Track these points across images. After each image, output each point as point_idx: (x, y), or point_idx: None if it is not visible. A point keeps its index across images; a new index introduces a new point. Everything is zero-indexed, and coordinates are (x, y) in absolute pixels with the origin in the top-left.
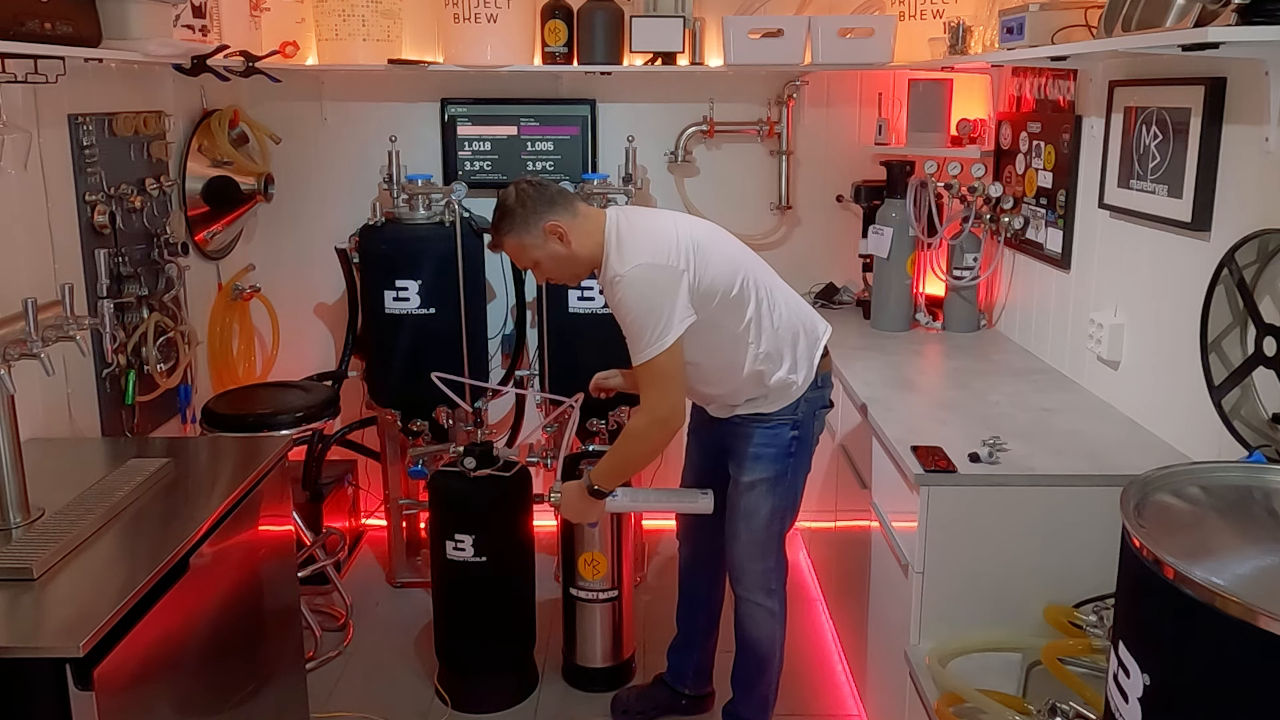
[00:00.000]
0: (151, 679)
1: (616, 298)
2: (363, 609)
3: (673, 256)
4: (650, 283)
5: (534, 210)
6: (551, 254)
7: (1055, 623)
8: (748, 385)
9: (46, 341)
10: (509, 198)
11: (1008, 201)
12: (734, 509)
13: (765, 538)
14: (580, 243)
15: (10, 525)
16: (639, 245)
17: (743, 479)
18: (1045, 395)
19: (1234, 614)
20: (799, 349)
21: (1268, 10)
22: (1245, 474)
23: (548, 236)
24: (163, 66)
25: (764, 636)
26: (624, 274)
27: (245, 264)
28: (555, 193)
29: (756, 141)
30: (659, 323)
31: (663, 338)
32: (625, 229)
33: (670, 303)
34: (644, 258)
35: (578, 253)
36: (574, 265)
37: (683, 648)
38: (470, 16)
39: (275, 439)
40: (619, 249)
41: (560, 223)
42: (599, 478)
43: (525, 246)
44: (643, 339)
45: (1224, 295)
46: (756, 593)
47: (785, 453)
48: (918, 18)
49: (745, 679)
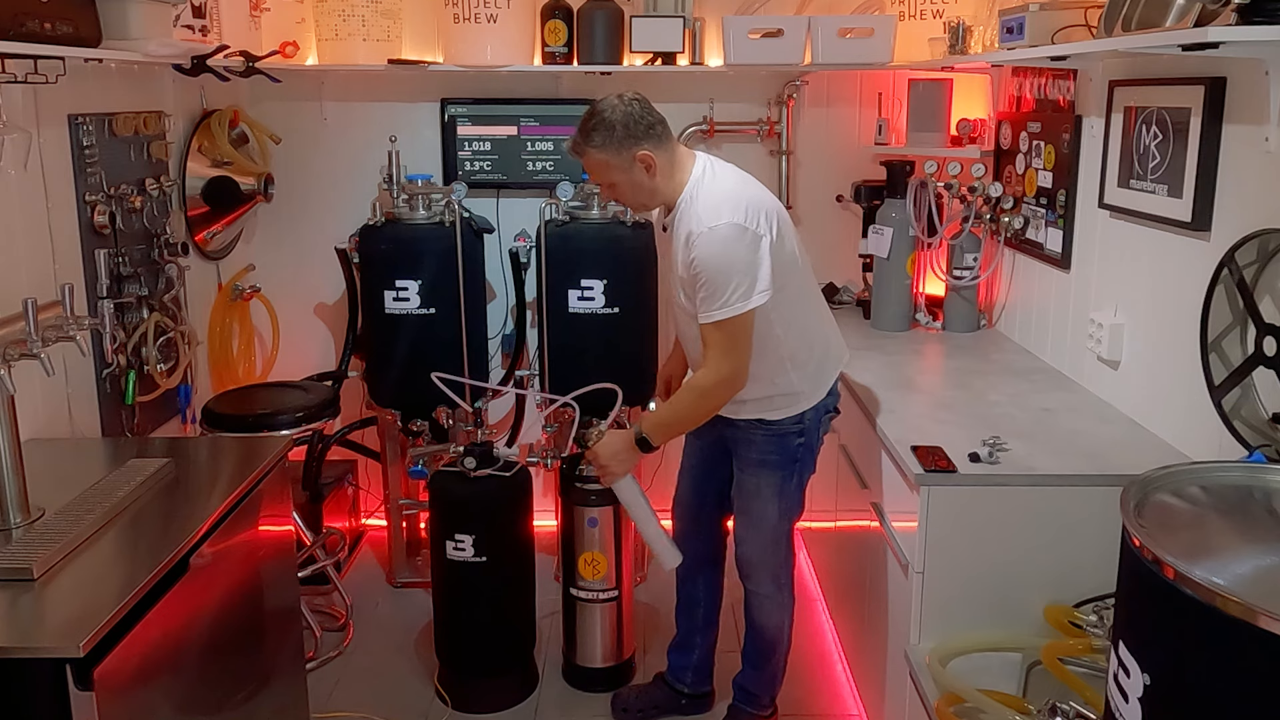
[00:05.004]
0: (151, 679)
1: (697, 251)
2: (363, 609)
3: (759, 222)
4: (734, 241)
5: (633, 133)
6: (633, 181)
7: (1055, 623)
8: (760, 380)
9: (46, 342)
10: (612, 110)
11: (1008, 201)
12: (740, 512)
13: (774, 537)
14: (665, 178)
15: (10, 525)
16: (727, 202)
17: (748, 484)
18: (1045, 395)
19: (1234, 614)
20: (815, 361)
21: (1268, 10)
22: (1245, 474)
23: (635, 163)
24: (163, 66)
25: (773, 624)
26: (711, 228)
27: (245, 264)
28: (657, 120)
29: (756, 141)
30: (740, 285)
31: (742, 301)
32: (712, 181)
33: (754, 269)
34: (734, 216)
35: (659, 187)
36: (650, 197)
37: (682, 647)
38: (470, 16)
39: (275, 439)
40: (706, 202)
41: (654, 155)
42: (651, 429)
43: (610, 166)
44: (718, 298)
45: (1224, 295)
46: (766, 585)
47: (791, 458)
48: (918, 18)
49: (755, 658)
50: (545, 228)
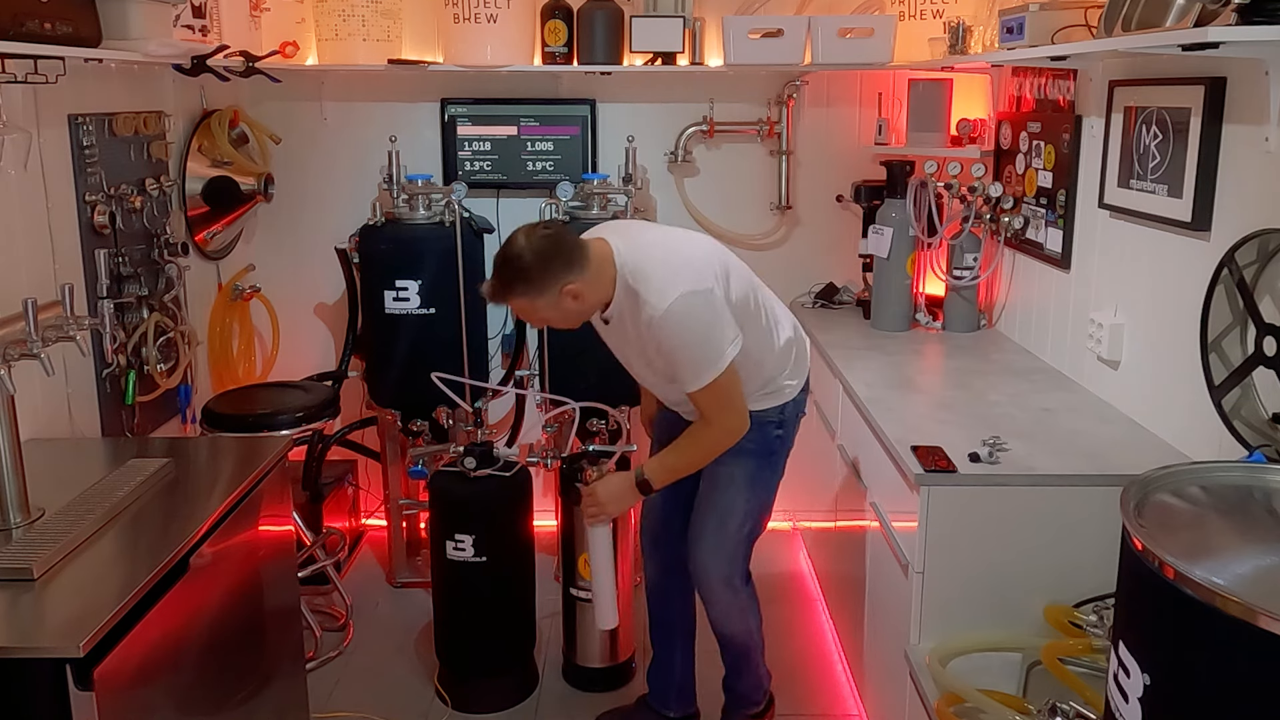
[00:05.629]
0: (151, 679)
1: (661, 334)
2: (363, 609)
3: (705, 278)
4: (693, 312)
5: (551, 271)
6: (564, 311)
7: (1055, 623)
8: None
9: (46, 341)
10: (525, 254)
11: (1008, 201)
12: (704, 507)
13: (734, 543)
14: (594, 290)
15: (10, 525)
16: (668, 275)
17: (721, 474)
18: (1045, 395)
19: (1234, 614)
20: (793, 356)
21: (1268, 10)
22: (1245, 474)
23: (562, 296)
24: (163, 66)
25: (739, 630)
26: (666, 309)
27: (245, 264)
28: (571, 246)
29: (756, 141)
30: (712, 349)
31: (718, 363)
32: (641, 260)
33: (718, 326)
34: (681, 286)
35: (589, 306)
36: (587, 313)
37: (662, 670)
38: (470, 16)
39: (275, 439)
40: (647, 285)
41: (577, 283)
42: (654, 474)
43: (537, 307)
44: (699, 366)
45: (1224, 295)
46: (721, 592)
47: (769, 450)
48: (918, 18)
49: (733, 667)
50: None
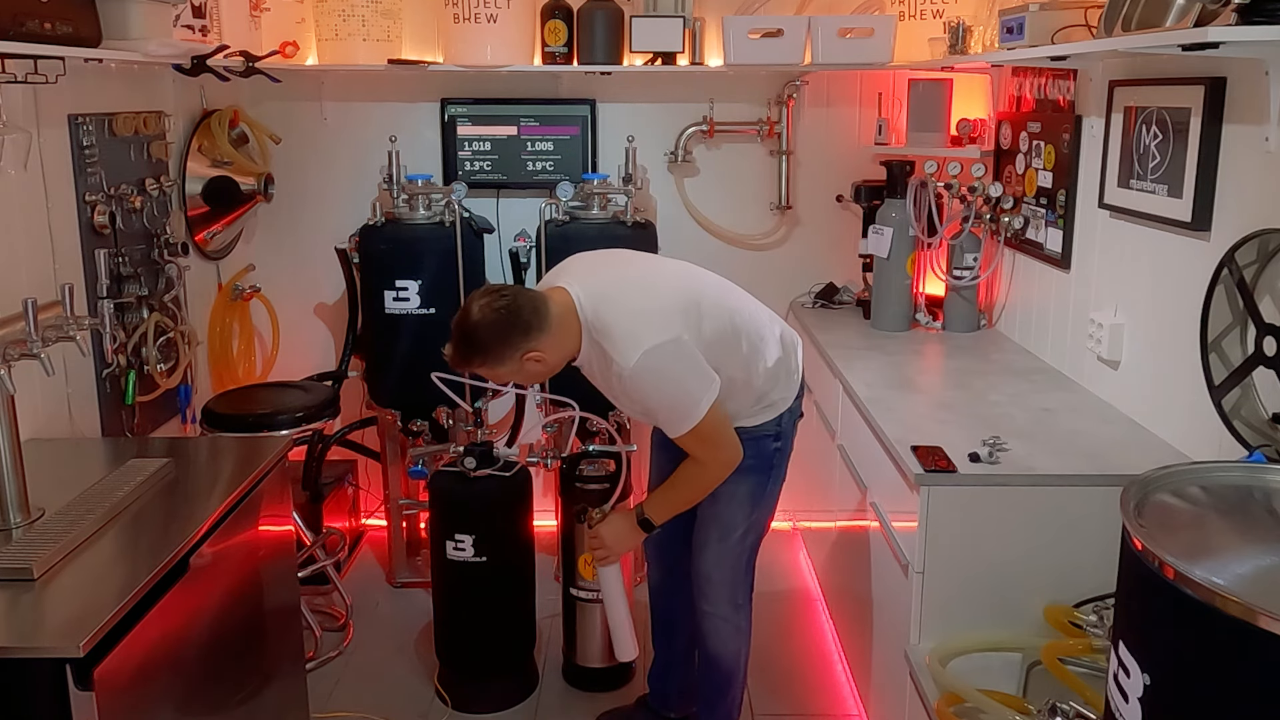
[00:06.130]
0: (151, 679)
1: (633, 388)
2: (363, 609)
3: (671, 325)
4: (661, 367)
5: (510, 342)
6: (530, 373)
7: (1055, 623)
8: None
9: (46, 341)
10: (482, 328)
11: (1008, 201)
12: (707, 519)
13: (738, 550)
14: (557, 351)
15: (10, 525)
16: (632, 328)
17: (722, 490)
18: (1045, 395)
19: (1234, 614)
20: (784, 371)
21: (1268, 10)
22: (1245, 474)
23: (525, 363)
24: (163, 66)
25: (728, 652)
26: (633, 366)
27: (245, 264)
28: (528, 312)
29: (756, 141)
30: (688, 399)
31: (694, 411)
32: (603, 312)
33: (691, 376)
34: (646, 341)
35: (555, 363)
36: (555, 367)
37: (663, 672)
38: (470, 16)
39: (275, 439)
40: (610, 341)
41: (538, 348)
42: (655, 512)
43: (503, 374)
44: (679, 413)
45: (1224, 295)
46: (723, 606)
47: (768, 464)
48: (918, 18)
49: (709, 696)
50: (545, 227)
